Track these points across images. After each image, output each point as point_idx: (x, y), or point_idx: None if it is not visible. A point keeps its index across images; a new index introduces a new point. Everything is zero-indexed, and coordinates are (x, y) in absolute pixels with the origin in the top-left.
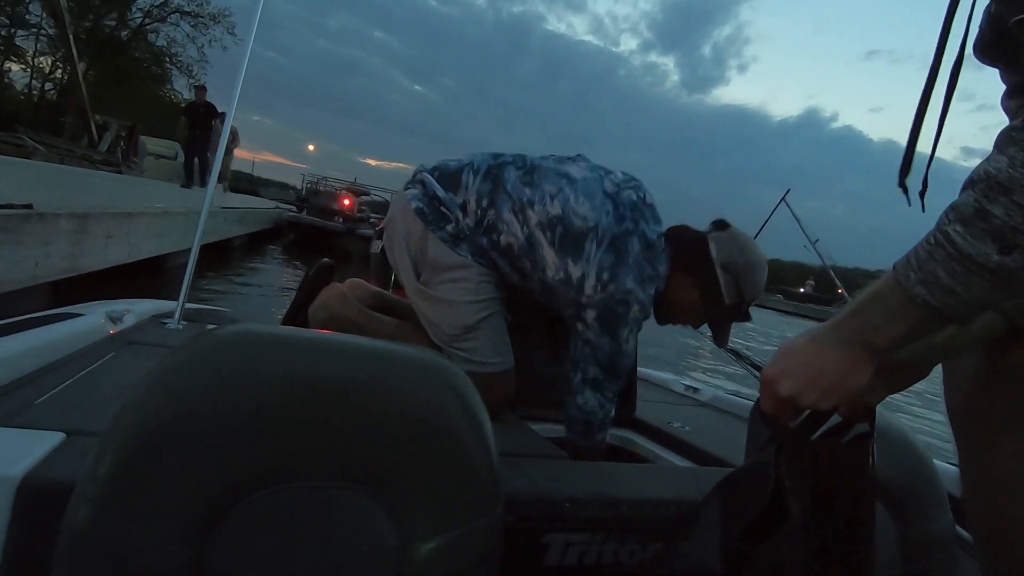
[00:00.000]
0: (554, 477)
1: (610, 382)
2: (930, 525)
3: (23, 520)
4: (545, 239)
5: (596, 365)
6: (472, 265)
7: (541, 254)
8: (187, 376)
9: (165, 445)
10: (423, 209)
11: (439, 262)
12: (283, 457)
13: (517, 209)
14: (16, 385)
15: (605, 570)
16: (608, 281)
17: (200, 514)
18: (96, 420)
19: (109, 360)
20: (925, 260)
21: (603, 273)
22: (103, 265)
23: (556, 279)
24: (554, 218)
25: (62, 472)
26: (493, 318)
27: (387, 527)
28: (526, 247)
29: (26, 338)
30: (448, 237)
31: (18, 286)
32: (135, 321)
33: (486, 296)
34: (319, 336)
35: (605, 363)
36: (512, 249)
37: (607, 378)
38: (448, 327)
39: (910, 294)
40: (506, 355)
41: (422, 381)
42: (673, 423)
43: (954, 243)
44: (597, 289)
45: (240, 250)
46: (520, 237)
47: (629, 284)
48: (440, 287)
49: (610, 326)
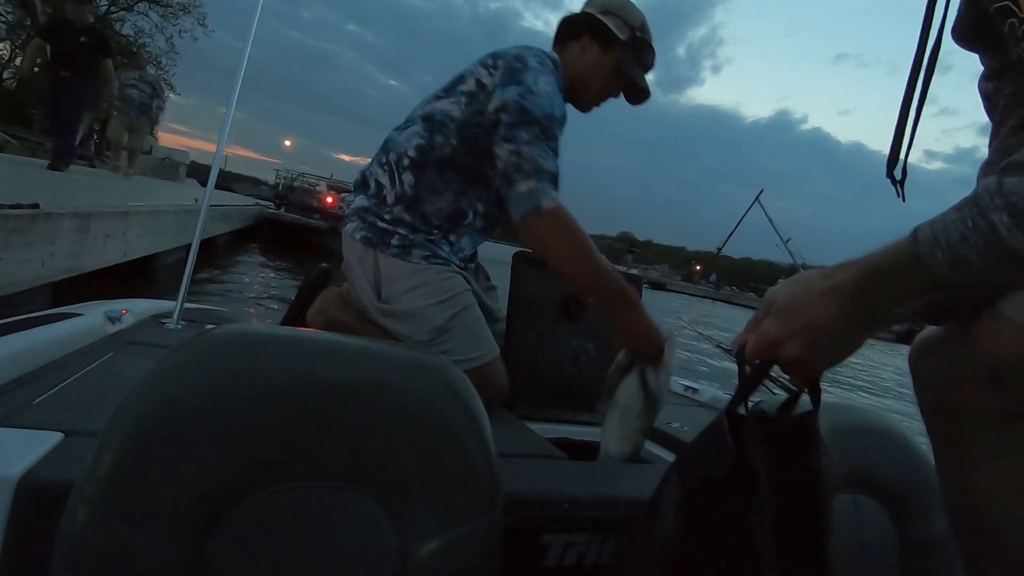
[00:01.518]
0: (554, 477)
1: (523, 128)
2: (928, 524)
3: (21, 520)
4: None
5: (505, 114)
6: (427, 268)
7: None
8: (186, 376)
9: (164, 445)
10: (367, 235)
11: (393, 276)
12: (282, 457)
13: (401, 130)
14: (14, 385)
15: (605, 570)
16: (495, 58)
17: (199, 514)
18: (95, 420)
19: (108, 360)
20: (958, 243)
21: (487, 60)
22: (102, 264)
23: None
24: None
25: (60, 472)
26: (464, 313)
27: (387, 527)
28: (426, 127)
29: (24, 338)
30: (397, 251)
31: (25, 287)
32: (133, 321)
33: (450, 294)
34: (318, 336)
35: (512, 108)
36: (423, 150)
37: (519, 127)
38: (420, 335)
39: (932, 271)
40: (487, 346)
41: (421, 381)
42: (672, 423)
43: (998, 234)
44: (491, 71)
45: (224, 248)
46: (420, 129)
47: (515, 51)
48: (400, 300)
49: (511, 79)
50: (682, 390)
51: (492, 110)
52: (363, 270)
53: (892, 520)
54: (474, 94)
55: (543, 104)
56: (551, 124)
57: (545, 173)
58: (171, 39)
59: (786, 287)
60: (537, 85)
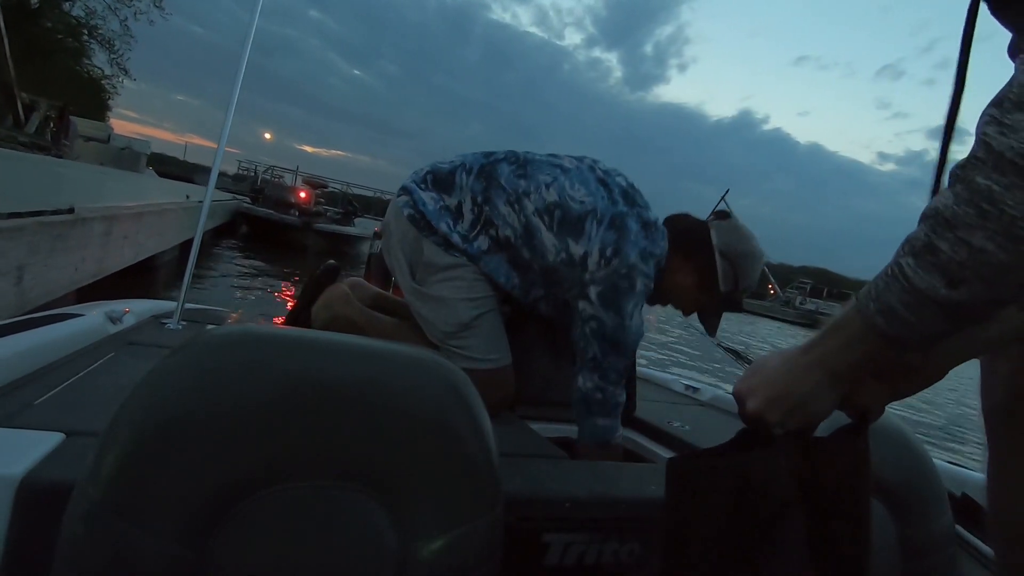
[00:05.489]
0: (554, 477)
1: (613, 359)
2: (930, 525)
3: (23, 520)
4: (543, 224)
5: (598, 342)
6: (466, 264)
7: (540, 239)
8: (187, 376)
9: (165, 445)
10: (415, 216)
11: (434, 262)
12: (283, 457)
13: (513, 200)
14: (16, 385)
15: (605, 570)
16: (612, 256)
17: (200, 514)
18: (96, 420)
19: (109, 360)
20: (883, 291)
21: (606, 249)
22: (120, 266)
23: (557, 261)
24: (551, 204)
25: (62, 472)
26: (488, 315)
27: (387, 527)
28: (524, 235)
29: (26, 338)
30: (441, 241)
31: (61, 293)
32: (134, 321)
33: (481, 294)
34: (318, 336)
35: (609, 339)
36: (510, 241)
37: (610, 355)
38: (443, 324)
39: (869, 323)
40: (503, 352)
41: (422, 381)
42: (673, 423)
43: (907, 276)
44: (601, 264)
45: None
46: (518, 227)
47: (632, 258)
48: (435, 285)
49: (614, 300)
50: (683, 390)
51: (585, 318)
52: (403, 245)
53: (892, 520)
54: (572, 263)
55: (632, 342)
56: (632, 358)
57: (619, 411)
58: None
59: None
60: (632, 320)
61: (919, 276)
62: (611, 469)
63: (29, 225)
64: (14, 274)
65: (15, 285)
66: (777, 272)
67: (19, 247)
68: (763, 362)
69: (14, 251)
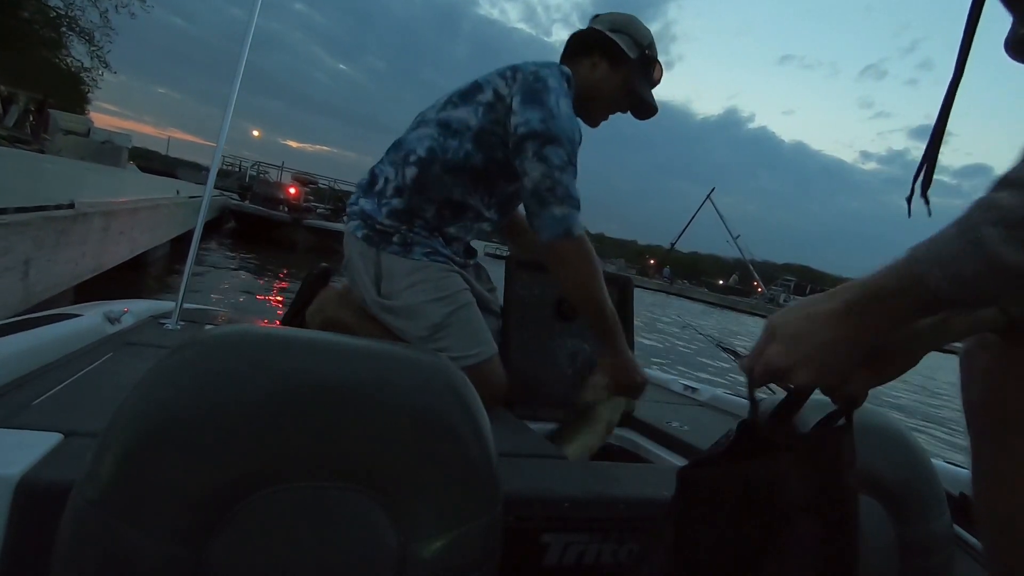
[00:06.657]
0: (554, 477)
1: (551, 149)
2: (928, 524)
3: (21, 521)
4: (450, 109)
5: (532, 138)
6: (427, 265)
7: (456, 117)
8: (185, 376)
9: (164, 445)
10: (368, 234)
11: (394, 272)
12: (281, 458)
13: (417, 125)
14: (14, 386)
15: (605, 570)
16: (514, 74)
17: (199, 515)
18: (94, 421)
19: (107, 361)
20: (952, 259)
21: (507, 74)
22: (116, 262)
23: (481, 119)
24: (447, 99)
25: (60, 473)
26: (461, 311)
27: (387, 527)
28: (441, 133)
29: (24, 338)
30: (398, 249)
31: (61, 289)
32: (133, 321)
33: (448, 291)
34: (317, 336)
35: (542, 132)
36: (435, 152)
37: (547, 146)
38: (416, 330)
39: (931, 288)
40: (484, 345)
41: (421, 381)
42: (672, 423)
43: (989, 248)
44: (510, 84)
45: None
46: (433, 132)
47: (533, 67)
48: (401, 295)
49: (534, 98)
50: (682, 390)
51: (515, 129)
52: (364, 265)
53: (891, 520)
54: (492, 104)
55: (566, 128)
56: (574, 149)
57: (575, 201)
58: (105, 13)
59: (789, 312)
60: (559, 108)
61: (1006, 250)
62: (611, 469)
63: (35, 220)
64: (20, 269)
65: (21, 280)
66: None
67: (25, 241)
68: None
69: (21, 245)
